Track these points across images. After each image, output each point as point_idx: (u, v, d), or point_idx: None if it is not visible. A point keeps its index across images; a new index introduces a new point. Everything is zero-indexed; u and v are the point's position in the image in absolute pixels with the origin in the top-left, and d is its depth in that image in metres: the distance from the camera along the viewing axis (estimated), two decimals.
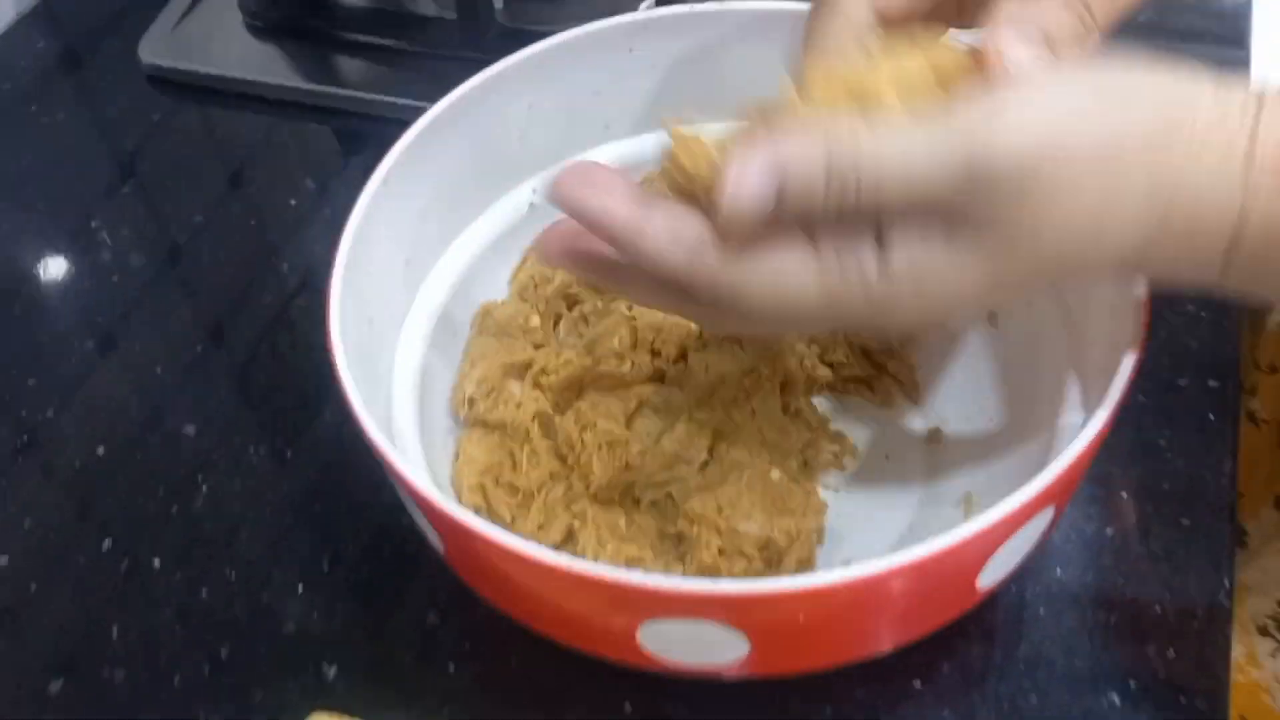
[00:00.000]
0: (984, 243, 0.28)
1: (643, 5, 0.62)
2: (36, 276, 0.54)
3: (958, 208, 0.28)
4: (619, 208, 0.31)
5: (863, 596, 0.30)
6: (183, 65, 0.62)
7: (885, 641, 0.34)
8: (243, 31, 0.63)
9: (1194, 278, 0.29)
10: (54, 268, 0.54)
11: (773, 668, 0.33)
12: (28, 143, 0.60)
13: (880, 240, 0.29)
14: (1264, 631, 0.55)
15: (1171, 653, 0.39)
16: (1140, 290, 0.35)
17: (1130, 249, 0.28)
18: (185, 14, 0.64)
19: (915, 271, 0.28)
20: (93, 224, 0.56)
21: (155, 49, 0.63)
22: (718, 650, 0.31)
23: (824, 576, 0.29)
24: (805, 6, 0.43)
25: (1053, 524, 0.34)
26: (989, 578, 0.33)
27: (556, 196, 0.32)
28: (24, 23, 0.67)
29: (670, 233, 0.30)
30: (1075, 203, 0.27)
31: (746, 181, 0.28)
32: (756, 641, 0.31)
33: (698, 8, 0.45)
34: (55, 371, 0.50)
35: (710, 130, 0.31)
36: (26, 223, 0.57)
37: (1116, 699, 0.38)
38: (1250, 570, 0.55)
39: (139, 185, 0.58)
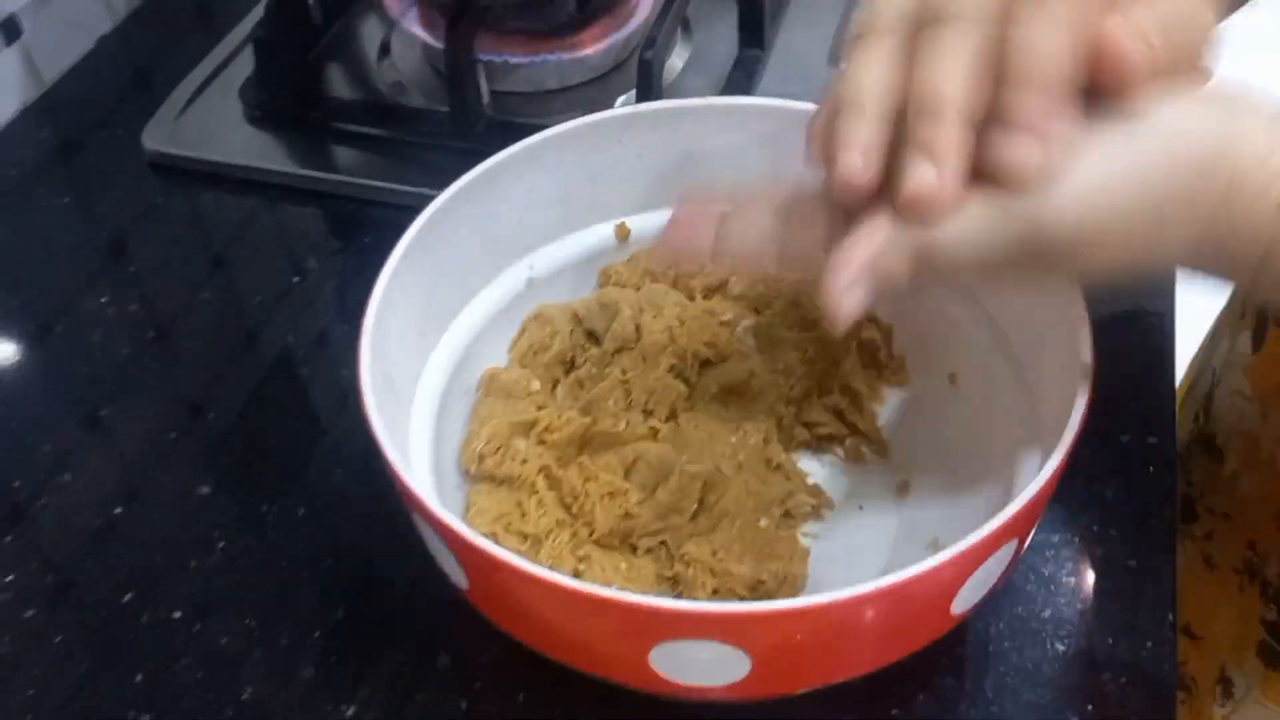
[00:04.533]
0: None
1: (619, 100, 0.67)
2: (29, 353, 0.57)
3: (1024, 265, 0.32)
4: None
5: (852, 616, 0.34)
6: (185, 152, 0.66)
7: (872, 661, 0.37)
8: (243, 121, 0.67)
9: (1233, 280, 0.34)
10: (54, 343, 0.57)
11: (772, 686, 0.36)
12: (34, 226, 0.63)
13: None
14: None
15: (1124, 679, 0.43)
16: (1086, 353, 0.39)
17: (1171, 263, 0.33)
18: (188, 104, 0.68)
19: None
20: (102, 299, 0.59)
21: (158, 137, 0.66)
22: (722, 670, 0.34)
23: (818, 597, 0.33)
24: (774, 102, 0.48)
25: (1015, 557, 0.38)
26: (961, 604, 0.37)
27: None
28: (29, 112, 0.70)
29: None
30: (1124, 246, 0.32)
31: (847, 298, 0.32)
32: (757, 659, 0.34)
33: (678, 103, 0.49)
34: (59, 426, 0.52)
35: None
36: (29, 302, 0.59)
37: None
38: None
39: (140, 264, 0.61)
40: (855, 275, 0.32)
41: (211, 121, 0.67)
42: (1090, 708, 0.42)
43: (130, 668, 0.44)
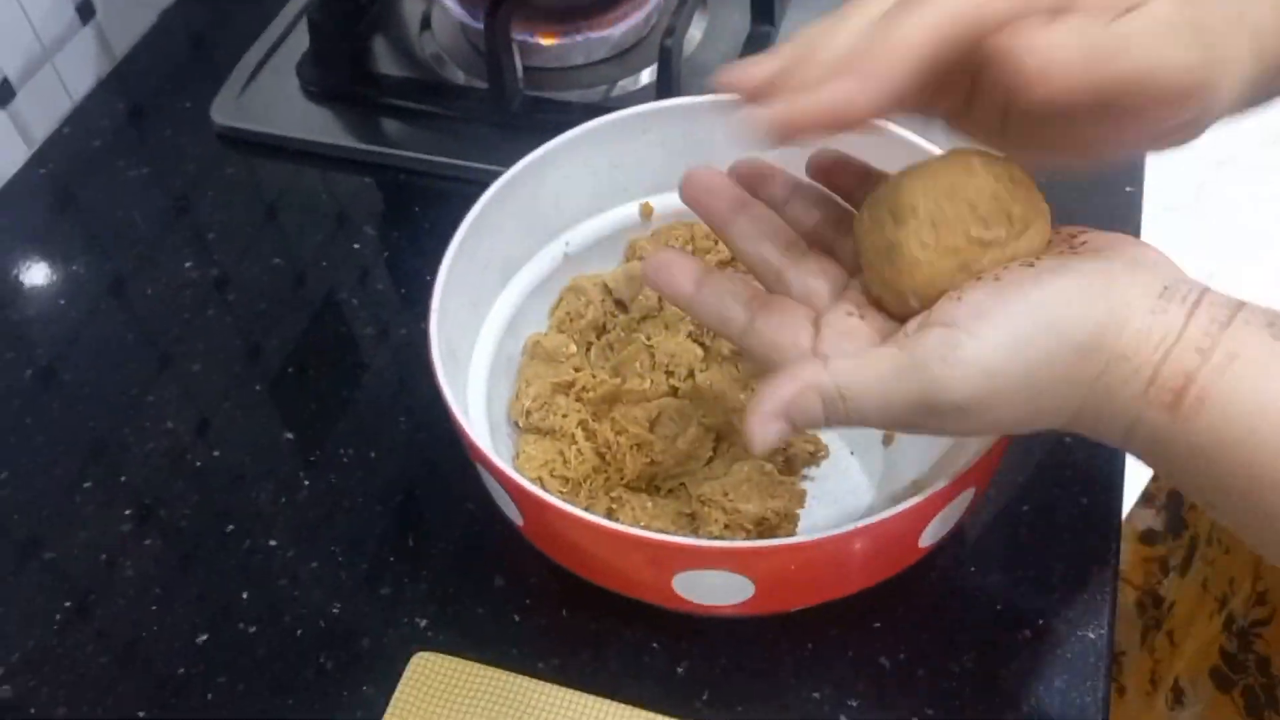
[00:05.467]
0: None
1: (643, 75, 0.74)
2: (113, 302, 0.65)
3: (918, 422, 0.36)
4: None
5: (836, 550, 0.42)
6: (248, 126, 0.73)
7: (855, 584, 0.45)
8: (300, 97, 0.74)
9: (1107, 442, 0.36)
10: (129, 289, 0.65)
11: (772, 605, 0.45)
12: (115, 192, 0.71)
13: None
14: None
15: (1071, 600, 0.51)
16: None
17: (1054, 426, 0.36)
18: (249, 80, 0.75)
19: None
20: (187, 264, 0.66)
21: (224, 111, 0.73)
22: (731, 592, 0.43)
23: (808, 536, 0.41)
24: None
25: (974, 500, 0.46)
26: (928, 538, 0.45)
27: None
28: (104, 85, 0.77)
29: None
30: (1008, 414, 0.35)
31: (763, 431, 0.37)
32: (759, 584, 0.42)
33: (691, 101, 0.56)
34: (167, 379, 0.60)
35: None
36: (107, 260, 0.67)
37: (1028, 633, 0.50)
38: None
39: (208, 228, 0.69)
40: (776, 412, 0.36)
41: (272, 97, 0.74)
42: (1040, 622, 0.50)
43: (238, 587, 0.53)
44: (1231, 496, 0.34)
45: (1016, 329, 0.34)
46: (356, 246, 0.67)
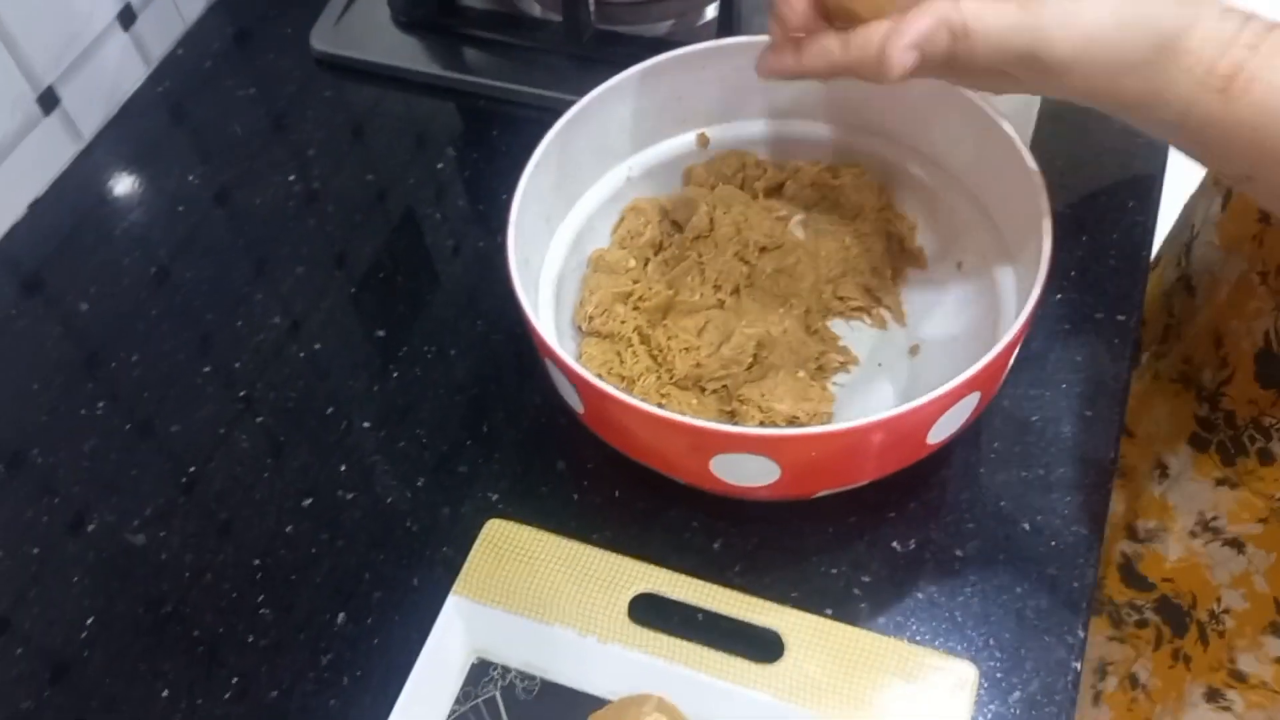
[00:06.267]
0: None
1: (709, 10, 0.79)
2: (214, 211, 0.72)
3: (1019, 72, 0.45)
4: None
5: (853, 438, 0.48)
6: (344, 52, 0.80)
7: (869, 473, 0.52)
8: (391, 26, 0.80)
9: (1163, 133, 0.46)
10: (237, 199, 0.73)
11: (797, 488, 0.52)
12: (223, 109, 0.78)
13: None
14: (1193, 535, 0.73)
15: (1068, 499, 0.57)
16: (1048, 245, 0.52)
17: (1125, 101, 0.45)
18: (345, 10, 0.81)
19: None
20: (290, 177, 0.74)
21: (322, 37, 0.80)
22: (761, 474, 0.50)
23: (827, 426, 0.47)
24: None
25: (981, 404, 0.52)
26: (936, 436, 0.51)
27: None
28: (213, 10, 0.84)
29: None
30: (1091, 83, 0.44)
31: (901, 57, 0.44)
32: (785, 468, 0.49)
33: (747, 40, 0.61)
34: (272, 279, 0.68)
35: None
36: (216, 171, 0.75)
37: (1027, 527, 0.56)
38: (1173, 494, 0.72)
39: (307, 145, 0.76)
40: (911, 41, 0.44)
41: (365, 26, 0.80)
42: (1039, 518, 0.56)
43: (337, 460, 0.61)
44: (1268, 168, 0.43)
45: (1121, 10, 0.43)
46: (439, 166, 0.74)
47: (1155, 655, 0.80)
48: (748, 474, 0.50)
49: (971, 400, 0.51)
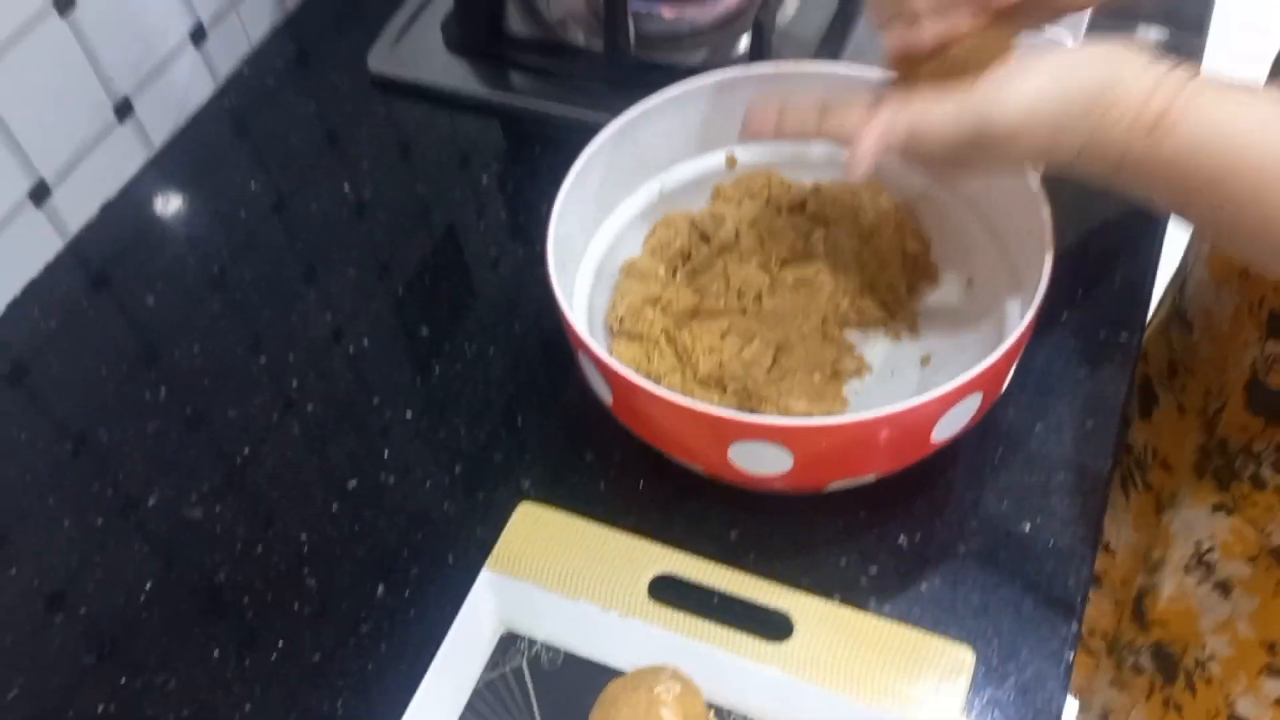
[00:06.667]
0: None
1: (743, 40, 0.84)
2: (268, 219, 0.77)
3: (967, 154, 0.50)
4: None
5: (860, 432, 0.52)
6: (399, 73, 0.85)
7: (876, 467, 0.56)
8: (443, 49, 0.85)
9: (1103, 178, 0.50)
10: (293, 207, 0.77)
11: (809, 477, 0.55)
12: (283, 125, 0.83)
13: None
14: (1187, 570, 0.74)
15: (1067, 503, 0.60)
16: (1048, 266, 0.56)
17: (1065, 156, 0.49)
18: (401, 34, 0.86)
19: None
20: (343, 188, 0.79)
21: (380, 59, 0.85)
22: (775, 463, 0.53)
23: (838, 418, 0.51)
24: (843, 68, 0.64)
25: (983, 406, 0.56)
26: (940, 434, 0.55)
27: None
28: (278, 32, 0.90)
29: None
30: (1035, 145, 0.49)
31: (858, 166, 0.52)
32: (798, 457, 0.53)
33: (774, 67, 0.66)
34: (324, 281, 0.73)
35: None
36: (275, 180, 0.80)
37: (1027, 527, 0.60)
38: (1176, 521, 0.74)
39: (361, 159, 0.81)
40: (866, 149, 0.51)
41: (419, 49, 0.86)
42: (1039, 519, 0.60)
43: (381, 447, 0.65)
44: (1199, 195, 0.48)
45: (1051, 75, 0.49)
46: (483, 181, 0.79)
47: (1147, 705, 0.81)
48: (763, 462, 0.54)
49: (974, 401, 0.55)
